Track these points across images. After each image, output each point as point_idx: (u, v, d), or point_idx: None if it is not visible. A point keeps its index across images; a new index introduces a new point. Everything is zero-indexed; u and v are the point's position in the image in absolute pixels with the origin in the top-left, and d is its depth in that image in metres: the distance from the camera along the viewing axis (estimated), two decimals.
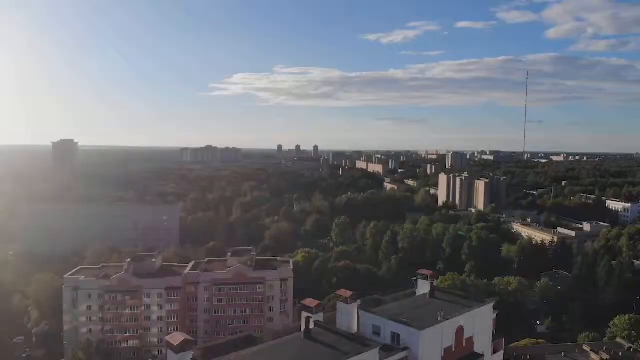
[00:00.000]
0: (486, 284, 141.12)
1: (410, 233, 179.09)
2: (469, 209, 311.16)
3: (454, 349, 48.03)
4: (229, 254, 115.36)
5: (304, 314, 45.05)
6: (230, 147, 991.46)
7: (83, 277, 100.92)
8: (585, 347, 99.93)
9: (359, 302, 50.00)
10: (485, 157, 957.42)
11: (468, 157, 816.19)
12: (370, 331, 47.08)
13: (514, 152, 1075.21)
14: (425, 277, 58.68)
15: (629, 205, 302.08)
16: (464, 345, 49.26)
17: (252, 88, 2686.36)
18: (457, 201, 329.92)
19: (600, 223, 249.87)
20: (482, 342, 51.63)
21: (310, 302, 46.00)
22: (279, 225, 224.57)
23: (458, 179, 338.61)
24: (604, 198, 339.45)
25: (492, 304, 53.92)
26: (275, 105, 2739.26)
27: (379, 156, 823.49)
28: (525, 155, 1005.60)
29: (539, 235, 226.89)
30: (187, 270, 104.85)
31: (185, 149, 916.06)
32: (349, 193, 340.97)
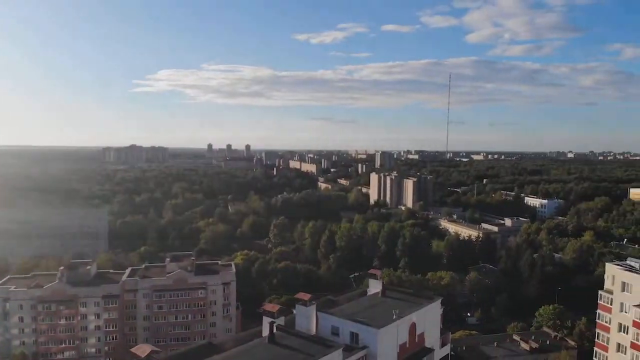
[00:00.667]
0: (420, 279, 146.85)
1: (348, 232, 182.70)
2: (399, 207, 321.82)
3: (407, 345, 50.28)
4: (167, 259, 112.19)
5: (266, 319, 45.35)
6: (157, 146, 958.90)
7: (13, 287, 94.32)
8: (515, 337, 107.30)
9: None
10: (411, 156, 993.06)
11: (395, 156, 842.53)
12: (329, 332, 48.18)
13: (437, 152, 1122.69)
14: (375, 277, 60.52)
15: (545, 201, 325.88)
16: (417, 341, 51.72)
17: (178, 85, 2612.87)
18: (388, 199, 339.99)
19: (521, 218, 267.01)
20: (432, 337, 54.42)
21: (272, 307, 46.51)
22: (214, 228, 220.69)
23: (388, 178, 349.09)
24: (522, 195, 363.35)
25: (439, 301, 56.85)
26: (204, 103, 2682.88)
27: (312, 156, 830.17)
28: (448, 155, 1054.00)
29: (465, 231, 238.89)
30: (124, 278, 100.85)
31: (107, 149, 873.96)
32: (285, 193, 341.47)
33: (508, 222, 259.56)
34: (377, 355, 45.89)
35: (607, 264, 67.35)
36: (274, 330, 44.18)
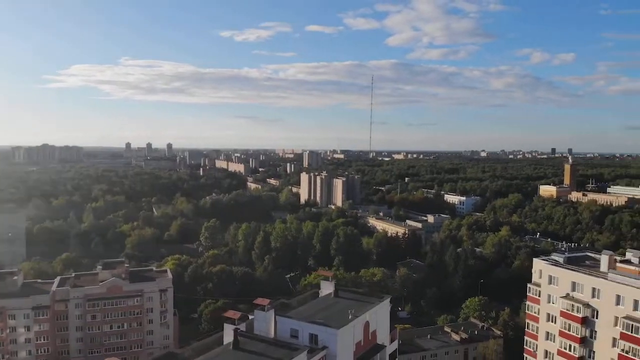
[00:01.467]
0: (354, 276, 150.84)
1: (283, 232, 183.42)
2: (329, 206, 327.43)
3: (362, 343, 52.28)
4: (99, 266, 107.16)
5: (228, 326, 45.42)
6: (71, 145, 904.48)
7: None
8: (447, 329, 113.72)
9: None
10: (337, 155, 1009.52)
11: (322, 156, 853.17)
12: (288, 335, 48.97)
13: (361, 151, 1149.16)
14: (327, 279, 62.01)
15: (463, 198, 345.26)
16: (370, 338, 53.87)
17: (93, 80, 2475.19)
18: (318, 199, 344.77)
19: (442, 215, 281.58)
20: (383, 334, 56.85)
21: (233, 314, 46.53)
22: (140, 232, 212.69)
23: (318, 178, 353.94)
24: (442, 192, 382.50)
25: (388, 299, 59.50)
26: (122, 100, 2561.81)
27: (239, 155, 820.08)
28: (372, 154, 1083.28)
29: (392, 228, 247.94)
30: (54, 287, 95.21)
31: (17, 148, 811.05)
32: (213, 194, 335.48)
33: (431, 218, 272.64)
34: (336, 355, 47.40)
35: (534, 259, 73.50)
36: (231, 337, 44.40)
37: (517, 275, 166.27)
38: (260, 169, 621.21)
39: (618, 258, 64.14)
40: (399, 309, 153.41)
